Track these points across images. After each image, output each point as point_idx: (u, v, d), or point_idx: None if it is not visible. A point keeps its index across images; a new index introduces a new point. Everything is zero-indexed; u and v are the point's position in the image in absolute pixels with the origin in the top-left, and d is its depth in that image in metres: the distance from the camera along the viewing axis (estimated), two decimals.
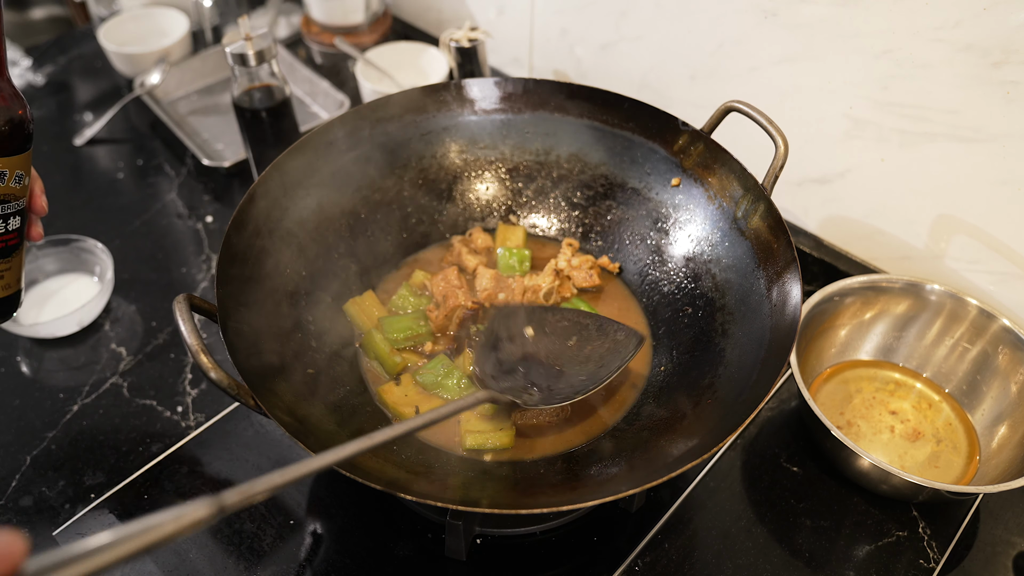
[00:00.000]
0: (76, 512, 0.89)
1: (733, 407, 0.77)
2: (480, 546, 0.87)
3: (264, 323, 0.84)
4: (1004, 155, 0.93)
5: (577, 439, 0.87)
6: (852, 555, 0.87)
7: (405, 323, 0.95)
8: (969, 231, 1.02)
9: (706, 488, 0.93)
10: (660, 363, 0.93)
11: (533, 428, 0.88)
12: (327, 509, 0.89)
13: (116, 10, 1.57)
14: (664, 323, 0.97)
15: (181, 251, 1.20)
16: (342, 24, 1.54)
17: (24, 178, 0.75)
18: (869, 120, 1.03)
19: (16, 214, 0.75)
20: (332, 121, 0.97)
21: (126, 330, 1.08)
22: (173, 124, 1.35)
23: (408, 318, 0.96)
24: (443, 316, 0.95)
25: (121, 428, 0.97)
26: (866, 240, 1.14)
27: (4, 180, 0.73)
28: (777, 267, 0.84)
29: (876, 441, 0.96)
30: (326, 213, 0.97)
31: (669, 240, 1.00)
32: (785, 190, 1.17)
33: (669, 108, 0.97)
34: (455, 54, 1.34)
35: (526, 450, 0.86)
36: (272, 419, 0.69)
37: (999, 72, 0.89)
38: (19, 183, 0.74)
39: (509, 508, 0.69)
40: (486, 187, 1.09)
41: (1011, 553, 0.88)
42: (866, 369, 1.02)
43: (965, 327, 0.98)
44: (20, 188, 0.74)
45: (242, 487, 0.48)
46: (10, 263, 0.78)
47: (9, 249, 0.77)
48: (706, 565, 0.86)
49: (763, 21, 1.05)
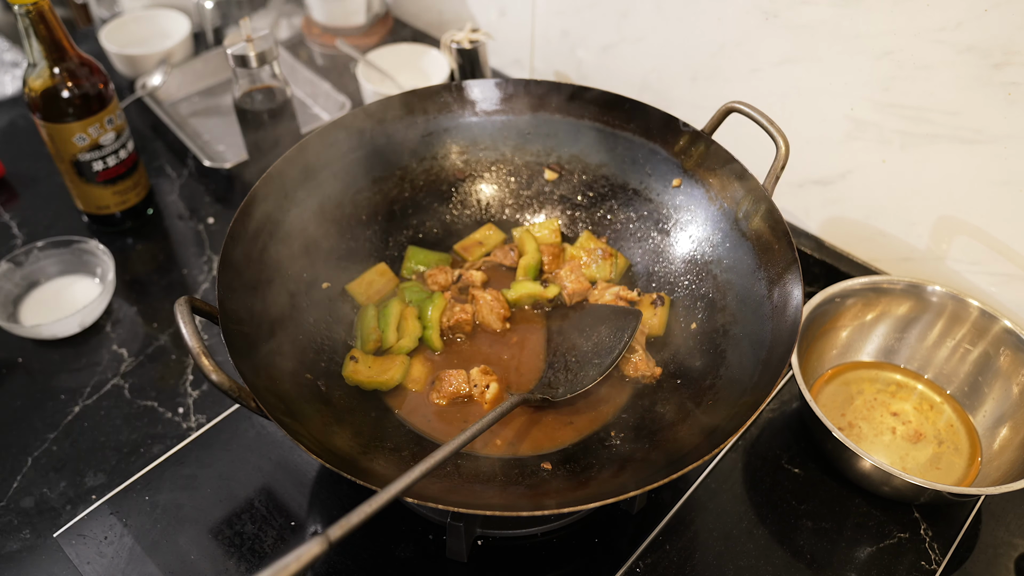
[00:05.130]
0: (77, 513, 0.89)
1: (734, 408, 0.77)
2: (481, 547, 0.87)
3: (265, 324, 0.84)
4: (1005, 156, 0.93)
5: (578, 440, 0.87)
6: (853, 556, 0.87)
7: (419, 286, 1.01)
8: (970, 232, 1.02)
9: (707, 489, 0.93)
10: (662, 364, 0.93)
11: (533, 428, 0.88)
12: (328, 510, 0.89)
13: (118, 12, 1.57)
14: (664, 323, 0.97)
15: (182, 252, 1.20)
16: (343, 26, 1.54)
17: (122, 114, 1.12)
18: (870, 121, 1.03)
19: (128, 141, 1.14)
20: (333, 122, 0.97)
21: (127, 331, 1.09)
22: (174, 125, 1.35)
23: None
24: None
25: (122, 429, 0.97)
26: (867, 241, 1.14)
27: (115, 120, 1.10)
28: (778, 268, 0.84)
29: (877, 443, 0.95)
30: (327, 214, 0.98)
31: (670, 241, 1.00)
32: (786, 191, 1.17)
33: (670, 109, 0.97)
34: (456, 55, 1.34)
35: (526, 450, 0.86)
36: (272, 421, 0.69)
37: (1000, 73, 0.89)
38: (122, 119, 1.12)
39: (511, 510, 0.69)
40: (487, 188, 1.09)
41: (1012, 555, 0.88)
42: (867, 370, 1.02)
43: (967, 328, 0.98)
44: (123, 122, 1.12)
45: (342, 521, 0.57)
46: (136, 177, 1.18)
47: (132, 168, 1.17)
48: (707, 566, 0.86)
49: (764, 22, 1.05)
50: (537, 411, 0.89)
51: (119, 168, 1.14)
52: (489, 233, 1.07)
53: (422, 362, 0.94)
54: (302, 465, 0.93)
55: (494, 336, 0.97)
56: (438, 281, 1.00)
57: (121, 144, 1.12)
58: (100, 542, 0.86)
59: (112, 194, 1.16)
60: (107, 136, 1.09)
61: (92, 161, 1.10)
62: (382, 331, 0.93)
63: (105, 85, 1.07)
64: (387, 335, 0.93)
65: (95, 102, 1.06)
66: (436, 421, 0.89)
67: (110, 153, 1.11)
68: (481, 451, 0.86)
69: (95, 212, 1.18)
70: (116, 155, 1.12)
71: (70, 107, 1.04)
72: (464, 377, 0.90)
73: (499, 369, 0.93)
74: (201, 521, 0.88)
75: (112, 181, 1.14)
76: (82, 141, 1.08)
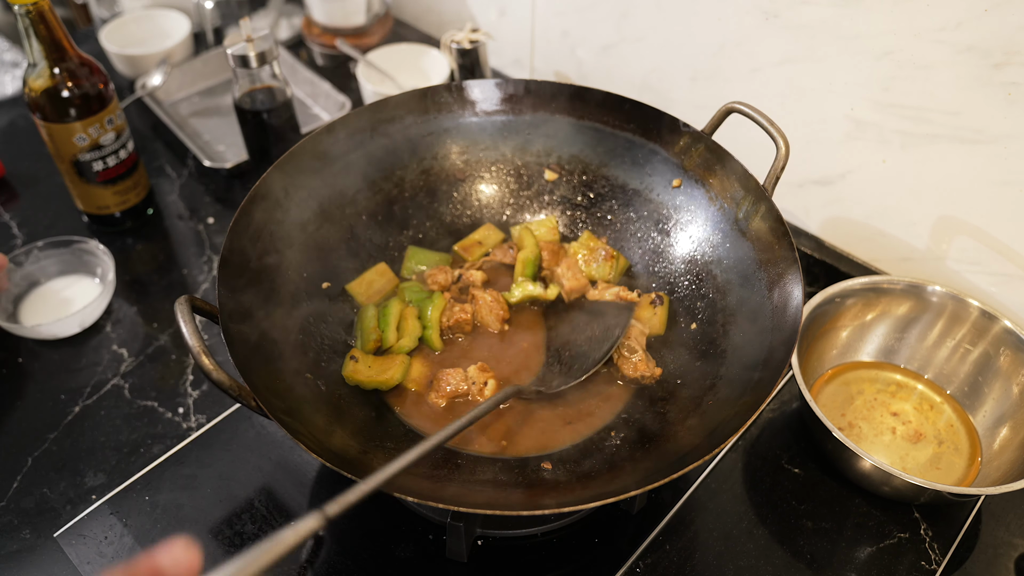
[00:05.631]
0: (77, 513, 0.89)
1: (734, 408, 0.77)
2: (481, 547, 0.87)
3: (265, 324, 0.84)
4: (1006, 156, 0.93)
5: (578, 440, 0.87)
6: (853, 557, 0.87)
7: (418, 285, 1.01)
8: (971, 232, 1.02)
9: (707, 489, 0.93)
10: (662, 364, 0.93)
11: (534, 428, 0.88)
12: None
13: (118, 12, 1.57)
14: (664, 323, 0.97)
15: (182, 252, 1.20)
16: (343, 26, 1.54)
17: (122, 115, 1.12)
18: (870, 121, 1.03)
19: (128, 141, 1.14)
20: (333, 123, 0.97)
21: (127, 331, 1.09)
22: (175, 126, 1.35)
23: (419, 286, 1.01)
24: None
25: (122, 429, 0.97)
26: (867, 241, 1.14)
27: (115, 120, 1.10)
28: (778, 268, 0.84)
29: (877, 443, 0.95)
30: (327, 215, 0.98)
31: (670, 241, 1.00)
32: (786, 191, 1.17)
33: (670, 109, 0.97)
34: (456, 56, 1.34)
35: (527, 450, 0.86)
36: (273, 420, 0.69)
37: (1000, 73, 0.89)
38: (122, 119, 1.12)
39: (511, 510, 0.69)
40: (487, 188, 1.09)
41: (1012, 555, 0.88)
42: (867, 371, 1.02)
43: (967, 329, 0.98)
44: (123, 122, 1.12)
45: (340, 498, 0.57)
46: (137, 177, 1.18)
47: (133, 168, 1.17)
48: (707, 567, 0.86)
49: (764, 23, 1.05)
50: (536, 408, 0.89)
51: (119, 168, 1.14)
52: (488, 233, 1.07)
53: (422, 362, 0.94)
54: (302, 465, 0.93)
55: (494, 336, 0.97)
56: (438, 281, 1.00)
57: (121, 144, 1.12)
58: (100, 542, 0.86)
59: (112, 194, 1.16)
60: (107, 136, 1.09)
61: (92, 161, 1.10)
62: (382, 331, 0.93)
63: (105, 85, 1.07)
64: (387, 335, 0.93)
65: (95, 102, 1.06)
66: (436, 420, 0.89)
67: (110, 153, 1.11)
68: (481, 451, 0.86)
69: (95, 212, 1.18)
70: (116, 155, 1.12)
71: (70, 107, 1.04)
72: (462, 375, 0.90)
73: (500, 367, 0.94)
74: (201, 521, 0.88)
75: (112, 181, 1.14)
76: (82, 141, 1.08)
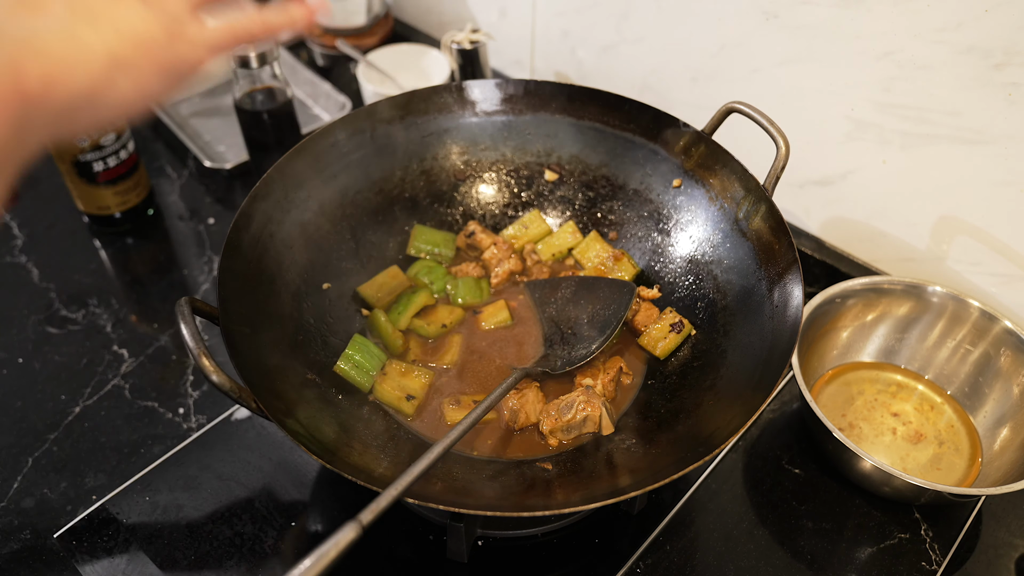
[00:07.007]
0: (78, 514, 0.89)
1: (735, 408, 0.77)
2: (481, 548, 0.87)
3: (266, 325, 0.84)
4: (1006, 156, 0.93)
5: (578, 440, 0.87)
6: (854, 557, 0.87)
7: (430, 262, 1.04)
8: (971, 233, 1.02)
9: (708, 490, 0.93)
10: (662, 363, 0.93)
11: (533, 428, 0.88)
12: (328, 511, 0.89)
13: None
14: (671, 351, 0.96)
15: (183, 253, 1.20)
16: (344, 26, 1.54)
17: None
18: (871, 122, 1.03)
19: (128, 141, 1.13)
20: (334, 123, 0.97)
21: (128, 332, 1.09)
22: (175, 126, 1.35)
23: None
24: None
25: (123, 429, 0.97)
26: (868, 242, 1.14)
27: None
28: (779, 268, 0.84)
29: (878, 443, 0.95)
30: (328, 215, 0.98)
31: (670, 241, 1.00)
32: (786, 191, 1.17)
33: (670, 109, 0.97)
34: (457, 56, 1.34)
35: (527, 451, 0.86)
36: (273, 421, 0.69)
37: (1001, 74, 0.89)
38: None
39: (511, 510, 0.69)
40: (487, 189, 1.09)
41: (1013, 555, 0.88)
42: (868, 371, 1.02)
43: (967, 329, 0.98)
44: (124, 122, 1.08)
45: (372, 505, 0.60)
46: (137, 178, 1.18)
47: (133, 168, 1.16)
48: (708, 567, 0.86)
49: (764, 23, 1.05)
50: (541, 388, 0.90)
51: (120, 168, 1.14)
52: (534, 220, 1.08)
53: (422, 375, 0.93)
54: (302, 465, 0.93)
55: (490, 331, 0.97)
56: (465, 271, 1.03)
57: (122, 144, 1.13)
58: (100, 543, 0.86)
59: (113, 194, 1.16)
60: (108, 136, 1.10)
61: (93, 161, 1.10)
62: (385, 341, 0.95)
63: None
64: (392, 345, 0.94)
65: None
66: (436, 421, 0.89)
67: (111, 153, 1.11)
68: (481, 452, 0.86)
69: (96, 212, 1.19)
70: (117, 155, 1.12)
71: None
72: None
73: (505, 354, 0.95)
74: (201, 521, 0.88)
75: (113, 182, 1.14)
76: (83, 141, 1.08)
